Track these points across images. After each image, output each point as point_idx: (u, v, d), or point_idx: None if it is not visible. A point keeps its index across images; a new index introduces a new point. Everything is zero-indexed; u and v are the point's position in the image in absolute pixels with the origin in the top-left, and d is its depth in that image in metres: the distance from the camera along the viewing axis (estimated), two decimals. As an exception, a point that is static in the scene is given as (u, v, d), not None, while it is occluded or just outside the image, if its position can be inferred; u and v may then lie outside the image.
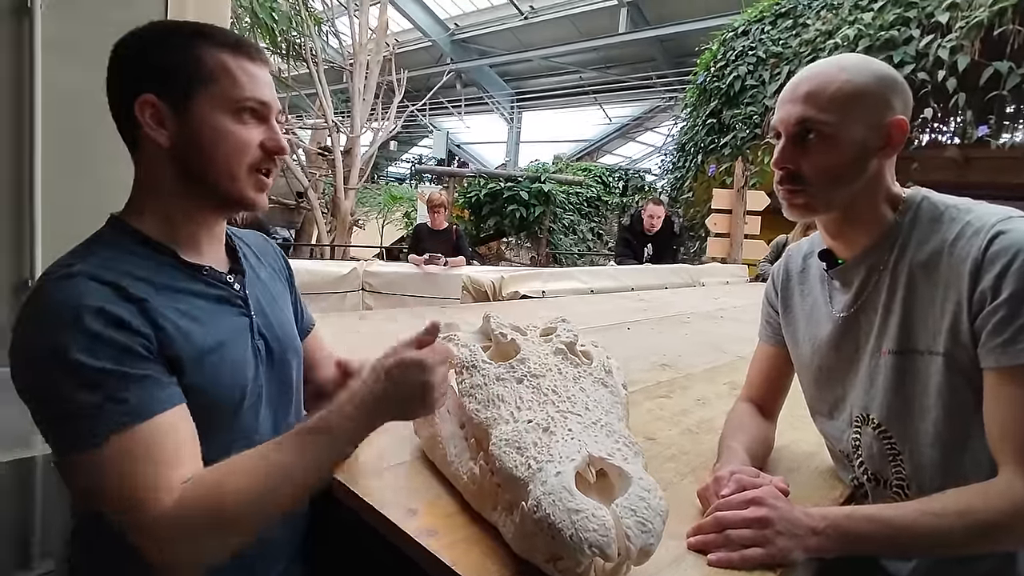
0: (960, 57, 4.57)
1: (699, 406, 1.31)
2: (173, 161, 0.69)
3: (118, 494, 0.58)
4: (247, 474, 0.61)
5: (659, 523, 0.58)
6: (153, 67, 0.67)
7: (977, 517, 0.67)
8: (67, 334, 0.58)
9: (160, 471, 0.59)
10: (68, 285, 0.61)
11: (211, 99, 0.68)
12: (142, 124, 0.67)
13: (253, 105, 0.70)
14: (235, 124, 0.69)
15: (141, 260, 0.68)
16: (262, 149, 0.71)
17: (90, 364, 0.58)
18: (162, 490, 0.58)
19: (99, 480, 0.58)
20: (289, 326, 0.84)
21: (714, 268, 4.58)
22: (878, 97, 0.78)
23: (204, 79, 0.68)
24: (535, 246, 8.91)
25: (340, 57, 8.84)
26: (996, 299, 0.68)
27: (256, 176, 0.72)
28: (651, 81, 13.73)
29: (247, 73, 0.70)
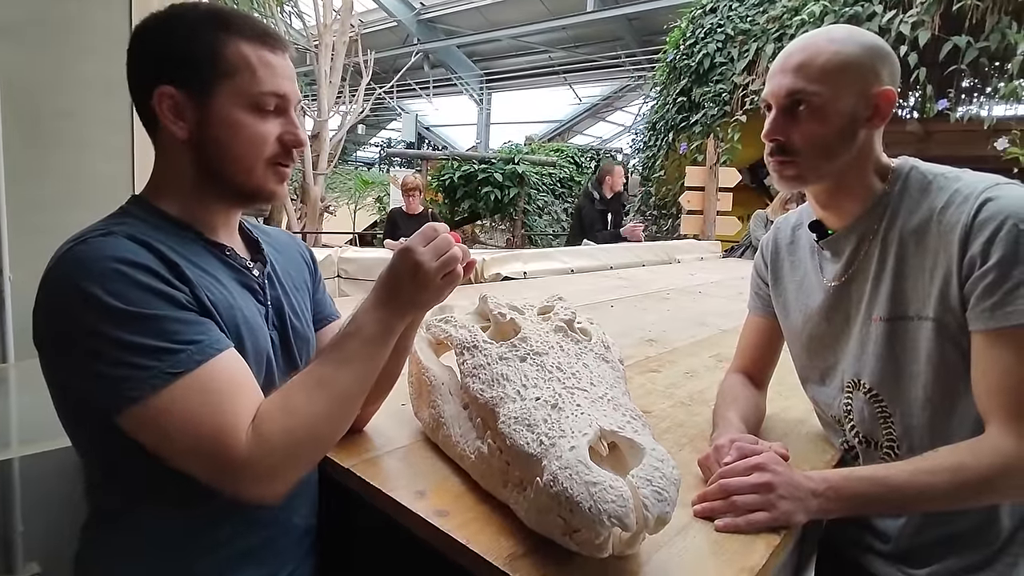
0: (921, 32, 4.66)
1: (688, 379, 1.33)
2: (191, 153, 0.69)
3: (194, 433, 0.58)
4: (303, 389, 0.63)
5: (674, 491, 0.59)
6: (173, 58, 0.66)
7: (968, 474, 0.70)
8: (116, 284, 0.58)
9: (233, 404, 0.59)
10: (107, 242, 0.60)
11: (230, 92, 0.67)
12: (160, 116, 0.67)
13: (272, 98, 0.69)
14: (253, 118, 0.68)
15: (167, 235, 0.67)
16: (280, 142, 0.71)
17: (144, 311, 0.58)
18: (240, 419, 0.59)
19: (170, 421, 0.57)
20: (305, 320, 0.83)
21: (689, 245, 4.65)
22: (867, 67, 0.79)
23: (224, 72, 0.67)
24: (510, 228, 8.89)
25: (304, 39, 8.57)
26: (985, 264, 0.71)
27: (275, 168, 0.71)
28: (620, 60, 13.70)
29: (267, 65, 0.69)
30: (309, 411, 0.62)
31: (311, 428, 0.62)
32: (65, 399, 0.64)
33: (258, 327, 0.72)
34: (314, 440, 0.63)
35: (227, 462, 0.58)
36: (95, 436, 0.65)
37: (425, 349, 0.93)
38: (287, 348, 0.77)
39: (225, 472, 0.58)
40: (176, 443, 0.58)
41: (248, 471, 0.58)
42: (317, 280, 0.92)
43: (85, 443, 0.67)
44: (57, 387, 0.64)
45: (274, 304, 0.77)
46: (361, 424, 0.93)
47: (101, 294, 0.57)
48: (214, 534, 0.69)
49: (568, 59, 14.65)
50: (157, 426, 0.58)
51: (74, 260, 0.59)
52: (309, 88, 9.15)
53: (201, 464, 0.59)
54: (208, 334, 0.61)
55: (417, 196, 4.64)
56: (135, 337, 0.57)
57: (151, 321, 0.58)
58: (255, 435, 0.59)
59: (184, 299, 0.62)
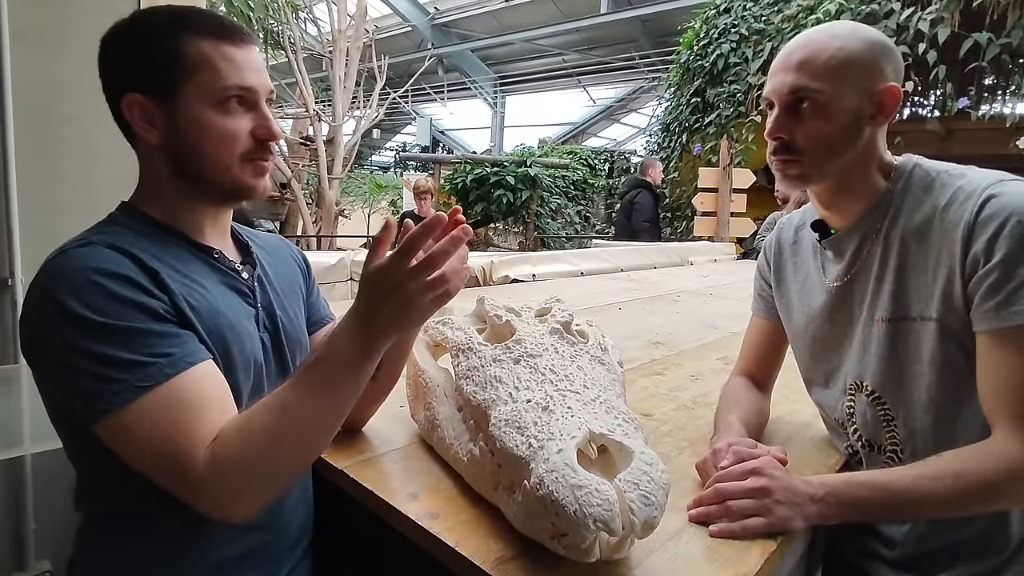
0: (940, 29, 4.57)
1: (693, 382, 1.32)
2: (165, 157, 0.69)
3: (158, 447, 0.57)
4: (265, 415, 0.59)
5: (662, 496, 0.58)
6: (136, 64, 0.66)
7: (972, 479, 0.68)
8: (92, 295, 0.58)
9: (198, 422, 0.58)
10: (85, 252, 0.61)
11: (195, 92, 0.66)
12: (131, 123, 0.67)
13: (238, 93, 0.68)
14: (220, 116, 0.67)
15: (153, 241, 0.67)
16: (253, 137, 0.70)
17: (118, 324, 0.58)
18: (199, 437, 0.58)
19: (138, 435, 0.58)
20: (297, 323, 0.83)
21: (702, 247, 4.60)
22: (871, 64, 0.77)
23: (187, 72, 0.66)
24: (523, 231, 8.88)
25: (319, 45, 8.66)
26: (989, 262, 0.69)
27: (252, 164, 0.70)
28: (634, 62, 13.64)
29: (229, 60, 0.67)
30: (267, 440, 0.58)
31: (268, 457, 0.59)
32: (51, 406, 0.65)
33: (245, 331, 0.71)
34: (271, 469, 0.60)
35: (184, 481, 0.57)
36: (81, 442, 0.65)
37: (423, 351, 0.93)
38: (279, 350, 0.77)
39: (184, 490, 0.58)
40: (142, 457, 0.59)
41: (204, 492, 0.58)
42: (311, 283, 0.92)
43: (73, 448, 0.67)
44: (44, 395, 0.65)
45: (264, 306, 0.77)
46: (359, 425, 0.94)
47: (76, 306, 0.57)
48: (208, 538, 0.69)
49: (582, 61, 14.63)
50: (127, 438, 0.58)
51: (53, 271, 0.60)
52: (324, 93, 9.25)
53: (164, 480, 0.59)
54: (181, 347, 0.61)
55: (429, 199, 4.67)
56: (108, 349, 0.57)
57: (124, 334, 0.58)
58: (211, 458, 0.57)
59: (162, 309, 0.61)
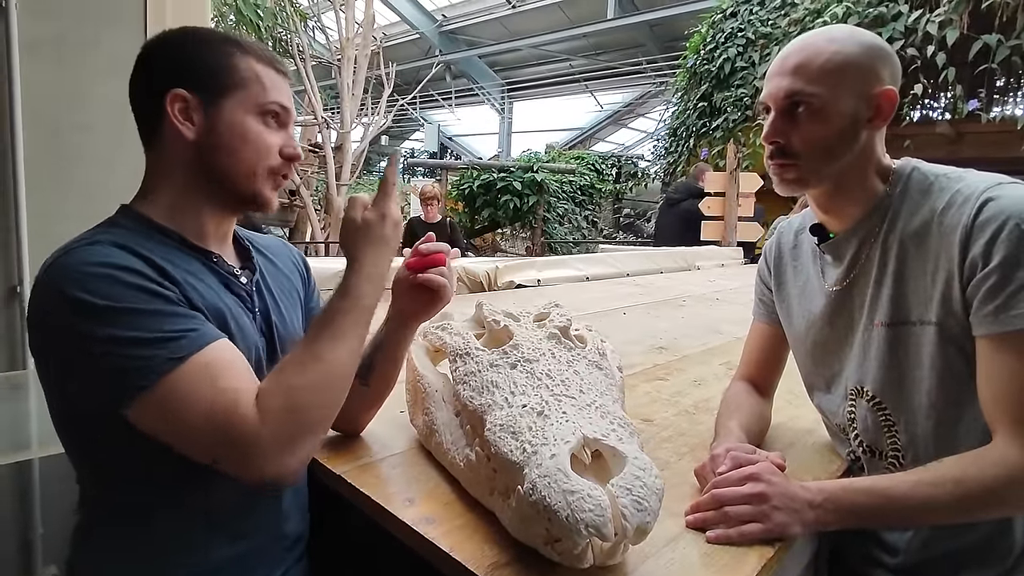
0: (949, 31, 4.55)
1: (696, 387, 1.31)
2: (195, 154, 0.71)
3: (204, 412, 0.58)
4: (302, 371, 0.63)
5: (655, 501, 0.58)
6: (190, 65, 0.71)
7: (973, 485, 0.67)
8: (103, 286, 0.59)
9: (238, 381, 0.61)
10: (91, 249, 0.62)
11: (241, 101, 0.72)
12: (169, 116, 0.69)
13: (277, 109, 0.74)
14: (260, 127, 0.73)
15: (153, 242, 0.69)
16: (280, 154, 0.74)
17: (135, 307, 0.59)
18: (245, 395, 0.60)
19: (179, 406, 0.58)
20: (293, 329, 0.84)
21: (709, 251, 4.58)
22: (866, 68, 0.77)
23: (237, 83, 0.71)
24: (530, 236, 8.89)
25: (327, 52, 8.74)
26: (987, 266, 0.68)
27: (273, 178, 0.75)
28: (641, 67, 13.65)
29: (273, 81, 0.74)
30: (308, 388, 0.62)
31: (312, 400, 0.63)
32: (62, 407, 0.66)
33: (247, 332, 0.73)
34: (316, 410, 0.64)
35: (238, 437, 0.58)
36: (89, 443, 0.66)
37: (421, 356, 0.93)
38: (273, 358, 0.77)
39: (237, 448, 0.59)
40: (187, 425, 0.59)
41: (258, 445, 0.59)
42: (311, 289, 0.93)
43: (78, 450, 0.68)
44: (55, 395, 0.65)
45: (262, 312, 0.78)
46: (358, 430, 0.94)
47: (87, 297, 0.58)
48: (205, 541, 0.69)
49: (589, 67, 14.66)
50: (167, 411, 0.59)
51: (59, 269, 0.61)
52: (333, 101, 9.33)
53: (213, 443, 0.59)
54: (201, 325, 0.63)
55: (435, 205, 4.68)
56: (131, 332, 0.58)
57: (144, 316, 0.59)
58: (260, 412, 0.59)
59: (174, 296, 0.63)
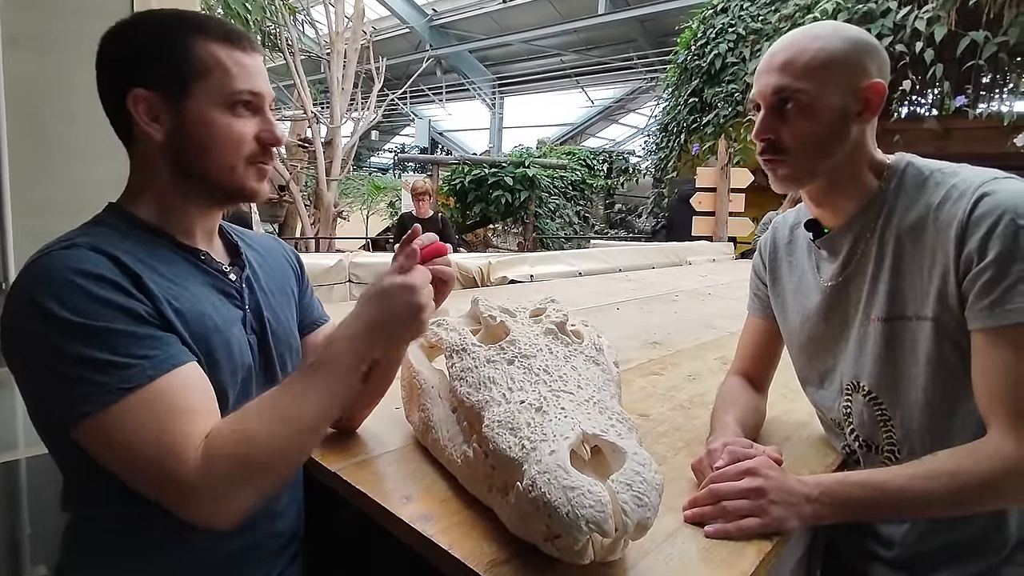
0: (937, 28, 4.58)
1: (690, 382, 1.31)
2: (168, 155, 0.69)
3: (143, 450, 0.56)
4: (261, 416, 0.60)
5: (655, 497, 0.58)
6: (145, 61, 0.67)
7: (968, 478, 0.68)
8: (70, 297, 0.57)
9: (184, 423, 0.58)
10: (67, 254, 0.61)
11: (205, 93, 0.67)
12: (136, 118, 0.67)
13: (246, 97, 0.69)
14: (229, 117, 0.68)
15: (138, 243, 0.67)
16: (257, 141, 0.71)
17: (98, 325, 0.57)
18: (189, 439, 0.57)
19: (119, 437, 0.57)
20: (287, 325, 0.83)
21: (700, 246, 4.60)
22: (853, 62, 0.77)
23: (197, 73, 0.67)
24: (522, 231, 8.89)
25: (317, 47, 8.66)
26: (983, 261, 0.69)
27: (255, 167, 0.72)
28: (632, 62, 13.66)
29: (239, 64, 0.69)
30: (263, 439, 0.59)
31: (263, 458, 0.59)
32: (33, 409, 0.64)
33: (232, 334, 0.71)
34: (266, 471, 0.60)
35: (171, 483, 0.56)
36: (65, 445, 0.64)
37: (417, 353, 0.93)
38: (266, 353, 0.77)
39: (170, 492, 0.57)
40: (124, 460, 0.58)
41: (193, 493, 0.56)
42: (304, 285, 0.91)
43: (57, 451, 0.67)
44: (26, 397, 0.64)
45: (252, 308, 0.76)
46: (353, 427, 0.93)
47: (56, 307, 0.57)
48: (197, 540, 0.68)
49: (580, 62, 14.65)
50: (107, 441, 0.57)
51: (34, 273, 0.60)
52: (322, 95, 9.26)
53: (147, 483, 0.58)
54: (163, 349, 0.60)
55: (427, 200, 4.66)
56: (88, 351, 0.57)
57: (104, 335, 0.57)
58: (204, 458, 0.57)
59: (143, 311, 0.61)
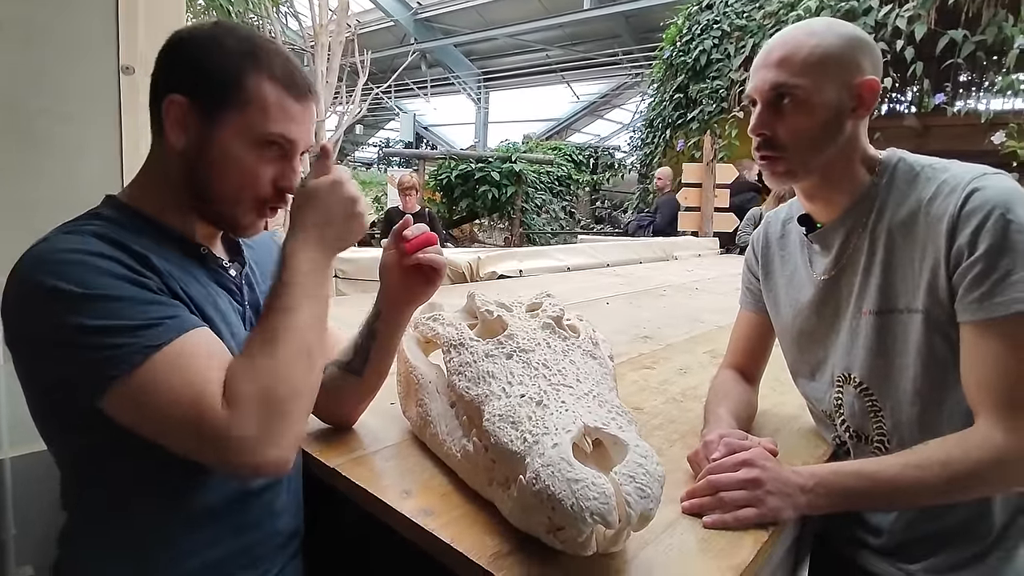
0: (917, 26, 4.65)
1: (682, 375, 1.33)
2: (183, 165, 0.68)
3: (177, 402, 0.56)
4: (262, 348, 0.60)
5: (657, 488, 0.59)
6: (195, 71, 0.66)
7: (957, 467, 0.69)
8: (80, 272, 0.57)
9: (210, 368, 0.58)
10: (70, 237, 0.60)
11: (238, 124, 0.66)
12: (164, 121, 0.66)
13: (279, 140, 0.68)
14: (253, 156, 0.67)
15: (140, 234, 0.66)
16: (274, 187, 0.70)
17: (113, 294, 0.57)
18: (211, 389, 0.57)
19: (152, 397, 0.56)
20: None
21: (686, 241, 4.64)
22: (848, 58, 0.78)
23: (238, 102, 0.66)
24: (508, 227, 8.88)
25: (300, 39, 8.55)
26: (973, 255, 0.70)
27: (259, 208, 0.71)
28: (617, 58, 13.68)
29: (284, 110, 0.68)
30: (273, 365, 0.59)
31: (279, 383, 0.59)
32: (42, 399, 0.63)
33: (233, 331, 0.71)
34: (289, 391, 0.60)
35: (210, 429, 0.56)
36: (73, 437, 0.64)
37: (413, 347, 0.92)
38: None
39: (211, 440, 0.56)
40: (160, 417, 0.57)
41: (232, 435, 0.56)
42: None
43: (62, 446, 0.66)
44: (33, 387, 0.63)
45: (252, 305, 0.76)
46: (350, 423, 0.93)
47: (60, 283, 0.56)
48: (197, 539, 0.68)
49: (565, 57, 14.62)
50: (141, 402, 0.57)
51: (35, 257, 0.59)
52: (306, 89, 9.13)
53: (187, 436, 0.57)
54: (182, 312, 0.61)
55: (414, 195, 4.64)
56: (106, 320, 0.56)
57: (121, 303, 0.57)
58: (230, 399, 0.57)
59: (153, 285, 0.61)
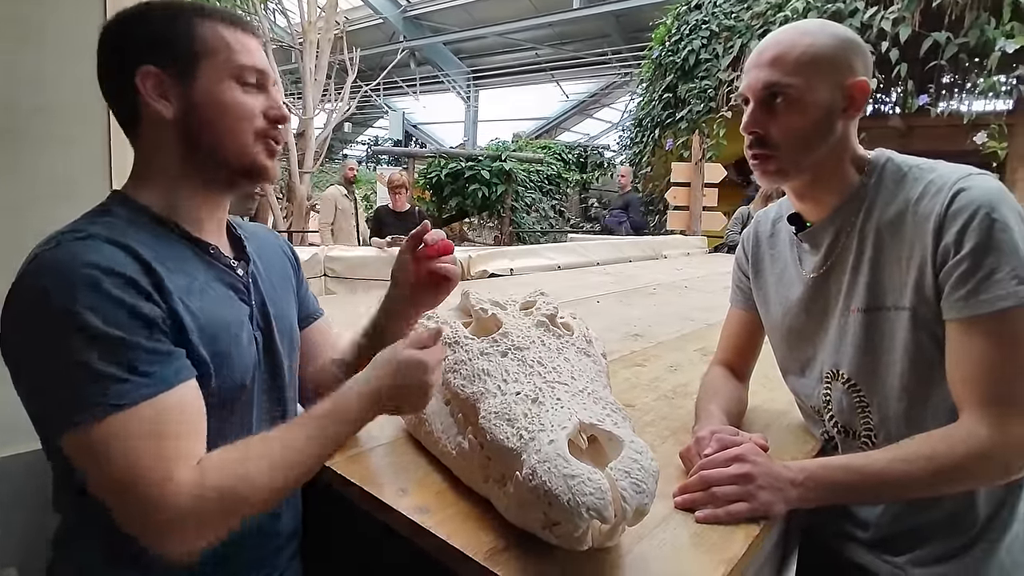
0: (902, 28, 4.72)
1: (672, 372, 1.34)
2: (178, 134, 0.68)
3: (128, 470, 0.54)
4: (264, 457, 0.61)
5: (652, 483, 0.60)
6: (155, 40, 0.67)
7: (943, 461, 0.71)
8: (86, 295, 0.55)
9: (176, 445, 0.57)
10: (84, 246, 0.58)
11: (214, 69, 0.68)
12: (144, 96, 0.66)
13: (254, 73, 0.70)
14: (238, 92, 0.69)
15: (148, 233, 0.65)
16: (265, 117, 0.71)
17: (106, 331, 0.55)
18: (178, 464, 0.56)
19: (107, 454, 0.54)
20: (290, 320, 0.82)
21: (675, 240, 4.67)
22: (840, 59, 0.80)
23: (205, 51, 0.68)
24: (498, 225, 8.88)
25: (289, 36, 8.48)
26: (958, 254, 0.72)
27: (264, 142, 0.71)
28: (607, 57, 13.72)
29: (243, 44, 0.70)
30: (263, 469, 0.59)
31: (257, 487, 0.59)
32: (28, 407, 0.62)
33: (241, 331, 0.70)
34: (254, 507, 0.60)
35: (157, 506, 0.54)
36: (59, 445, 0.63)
37: (407, 346, 0.93)
38: (271, 349, 0.76)
39: (150, 519, 0.55)
40: (109, 478, 0.55)
41: (178, 519, 0.54)
42: (300, 278, 0.91)
43: (55, 449, 0.65)
44: (21, 394, 0.61)
45: (258, 304, 0.75)
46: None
47: (66, 303, 0.54)
48: None
49: (555, 56, 14.64)
50: (91, 455, 0.55)
51: (46, 264, 0.57)
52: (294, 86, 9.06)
53: (121, 502, 0.56)
54: (166, 365, 0.58)
55: (404, 194, 4.62)
56: (90, 359, 0.54)
57: (110, 343, 0.55)
58: (196, 487, 0.55)
59: (158, 316, 0.59)
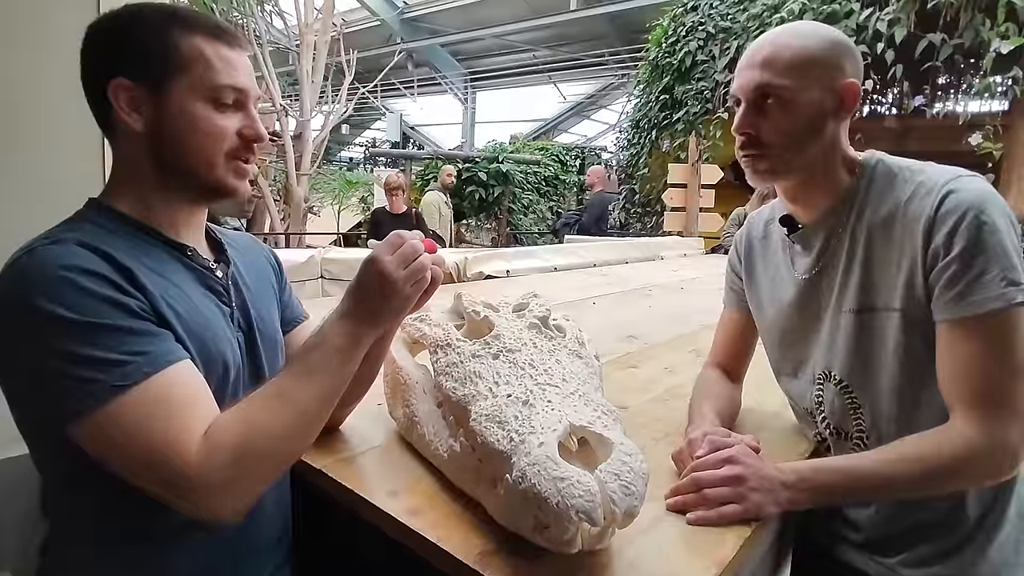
0: (897, 29, 4.73)
1: (667, 374, 1.34)
2: (148, 147, 0.67)
3: (143, 446, 0.56)
4: (266, 407, 0.61)
5: (642, 486, 0.59)
6: (128, 51, 0.66)
7: (934, 462, 0.71)
8: (65, 294, 0.56)
9: (183, 417, 0.57)
10: (55, 250, 0.59)
11: (187, 86, 0.67)
12: (115, 108, 0.66)
13: (231, 92, 0.69)
14: (210, 111, 0.68)
15: (124, 239, 0.65)
16: (240, 137, 0.70)
17: (91, 320, 0.56)
18: (190, 434, 0.57)
19: (120, 437, 0.56)
20: (271, 323, 0.82)
21: (672, 242, 4.68)
22: (831, 61, 0.80)
23: (180, 65, 0.66)
24: (495, 227, 8.89)
25: (286, 38, 8.49)
26: (948, 255, 0.72)
27: (235, 163, 0.70)
28: (604, 59, 13.74)
29: (224, 59, 0.68)
30: (268, 425, 0.60)
31: (269, 443, 0.60)
32: (18, 411, 0.62)
33: (222, 331, 0.70)
34: (271, 455, 0.61)
35: (177, 475, 0.56)
36: (53, 449, 0.63)
37: (400, 348, 0.93)
38: (253, 350, 0.76)
39: (176, 486, 0.56)
40: (125, 457, 0.57)
41: (199, 485, 0.56)
42: (283, 283, 0.91)
43: (44, 456, 0.65)
44: (10, 399, 0.62)
45: (239, 306, 0.76)
46: (336, 424, 0.93)
47: (45, 303, 0.55)
48: (185, 546, 0.67)
49: (552, 58, 14.65)
50: (105, 439, 0.56)
51: (20, 270, 0.58)
52: (291, 88, 9.07)
53: (151, 478, 0.57)
54: (159, 345, 0.60)
55: (401, 195, 4.63)
56: (81, 349, 0.55)
57: (98, 331, 0.56)
58: (208, 447, 0.57)
59: (137, 306, 0.60)
